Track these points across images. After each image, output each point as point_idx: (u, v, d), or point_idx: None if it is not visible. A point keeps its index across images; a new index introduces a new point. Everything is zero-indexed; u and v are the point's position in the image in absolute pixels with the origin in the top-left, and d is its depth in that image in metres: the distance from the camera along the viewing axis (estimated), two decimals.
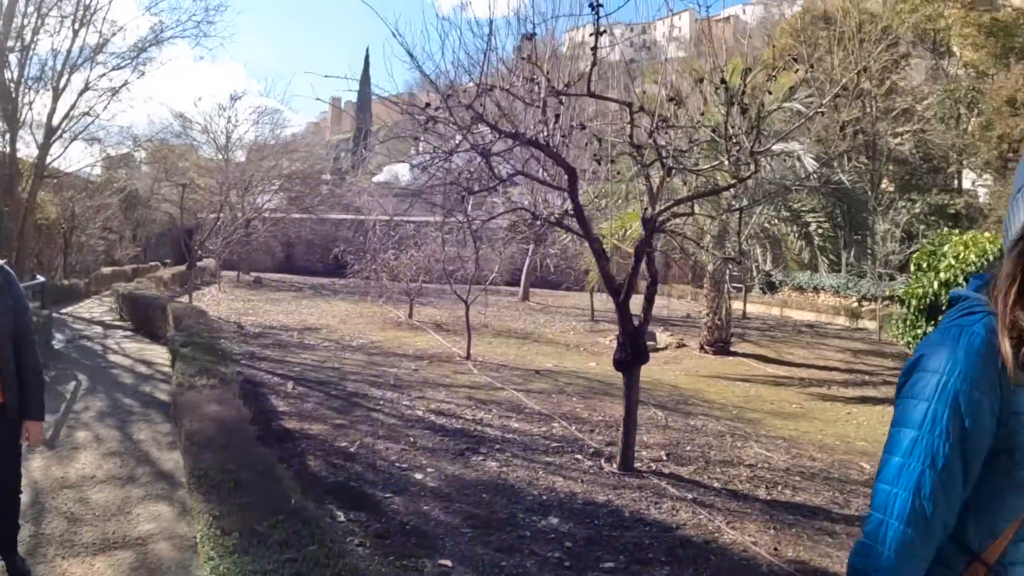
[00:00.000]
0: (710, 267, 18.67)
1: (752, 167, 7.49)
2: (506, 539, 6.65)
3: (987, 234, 14.52)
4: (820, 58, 37.09)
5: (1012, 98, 31.74)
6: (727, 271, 18.73)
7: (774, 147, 15.39)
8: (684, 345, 20.94)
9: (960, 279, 13.06)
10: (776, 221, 17.11)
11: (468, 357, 16.31)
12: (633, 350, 8.62)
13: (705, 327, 20.30)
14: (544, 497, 7.86)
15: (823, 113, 7.75)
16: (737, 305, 30.65)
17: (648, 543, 6.87)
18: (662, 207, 8.19)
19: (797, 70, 12.52)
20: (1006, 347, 1.70)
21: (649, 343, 20.45)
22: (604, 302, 26.72)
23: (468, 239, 19.13)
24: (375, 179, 53.94)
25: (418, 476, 8.22)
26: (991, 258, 13.56)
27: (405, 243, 23.20)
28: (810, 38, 38.15)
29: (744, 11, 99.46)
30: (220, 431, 6.82)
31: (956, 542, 1.79)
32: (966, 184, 39.24)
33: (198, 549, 4.82)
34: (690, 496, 8.29)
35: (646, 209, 8.47)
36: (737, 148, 7.53)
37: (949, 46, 49.78)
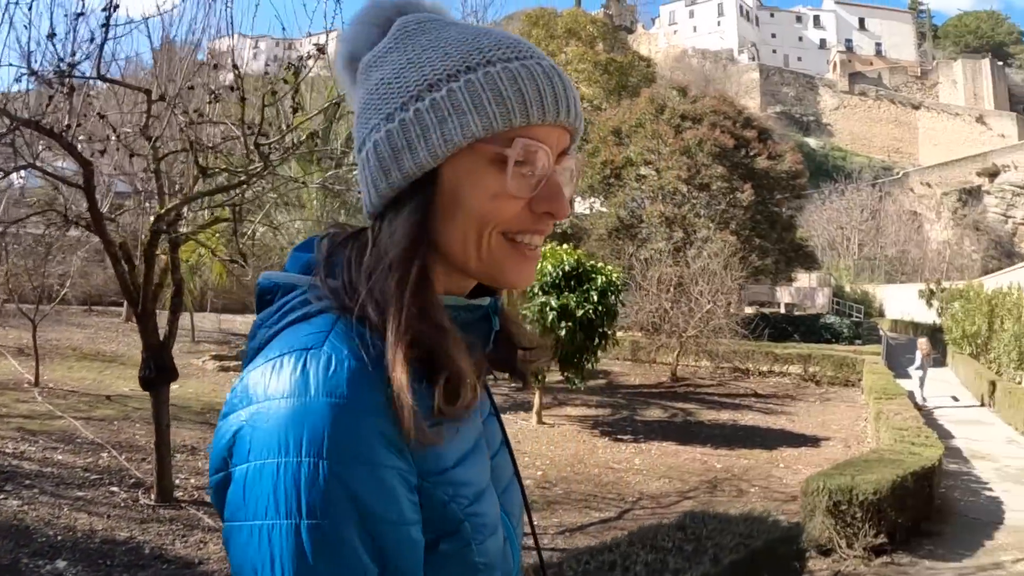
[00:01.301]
0: None
1: (261, 164, 7.00)
2: None
3: (565, 246, 14.96)
4: None
5: (617, 128, 34.24)
6: None
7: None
8: None
9: (535, 289, 13.27)
10: None
11: (36, 383, 14.70)
12: (158, 367, 7.79)
13: None
14: (59, 537, 7.05)
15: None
16: None
17: None
18: (170, 206, 7.47)
19: None
20: (400, 375, 0.95)
21: None
22: (206, 320, 26.02)
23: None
24: None
25: None
26: (566, 268, 13.89)
27: None
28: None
29: None
30: None
31: None
32: (577, 208, 41.83)
33: None
34: None
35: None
36: (257, 145, 7.02)
37: None
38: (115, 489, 8.64)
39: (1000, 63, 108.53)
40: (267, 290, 1.11)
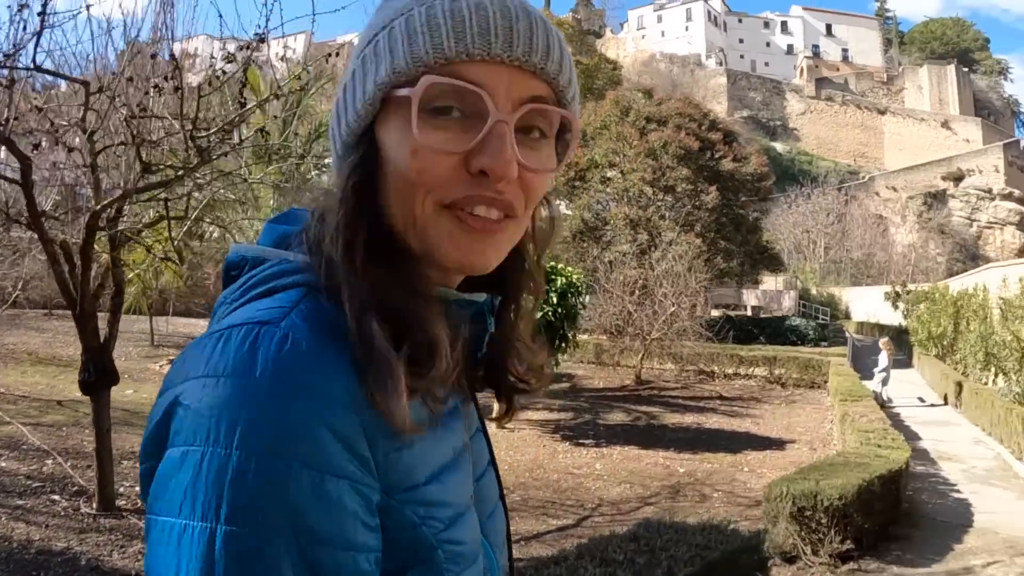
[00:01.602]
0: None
1: (196, 158, 6.77)
2: None
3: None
4: None
5: (582, 130, 34.07)
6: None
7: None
8: None
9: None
10: None
11: None
12: (97, 370, 7.51)
13: None
14: None
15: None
16: None
17: None
18: (106, 203, 7.21)
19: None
20: (382, 340, 0.81)
21: None
22: (167, 323, 25.74)
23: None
24: None
25: None
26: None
27: None
28: None
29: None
30: None
31: None
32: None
33: None
34: None
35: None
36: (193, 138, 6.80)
37: None
38: (56, 497, 8.40)
39: (965, 69, 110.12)
40: (233, 264, 0.97)
